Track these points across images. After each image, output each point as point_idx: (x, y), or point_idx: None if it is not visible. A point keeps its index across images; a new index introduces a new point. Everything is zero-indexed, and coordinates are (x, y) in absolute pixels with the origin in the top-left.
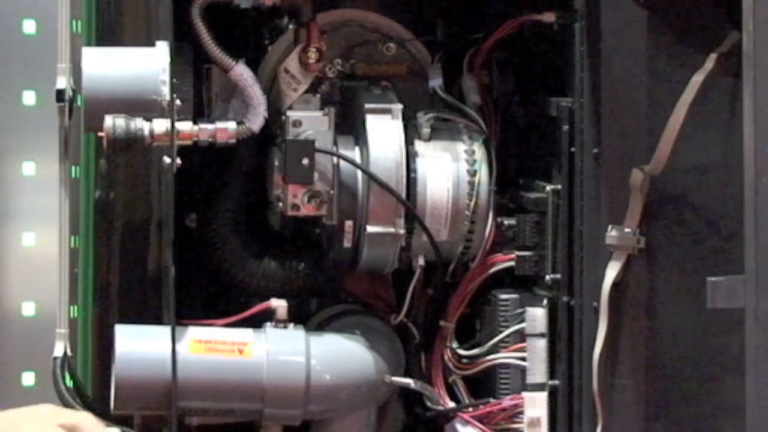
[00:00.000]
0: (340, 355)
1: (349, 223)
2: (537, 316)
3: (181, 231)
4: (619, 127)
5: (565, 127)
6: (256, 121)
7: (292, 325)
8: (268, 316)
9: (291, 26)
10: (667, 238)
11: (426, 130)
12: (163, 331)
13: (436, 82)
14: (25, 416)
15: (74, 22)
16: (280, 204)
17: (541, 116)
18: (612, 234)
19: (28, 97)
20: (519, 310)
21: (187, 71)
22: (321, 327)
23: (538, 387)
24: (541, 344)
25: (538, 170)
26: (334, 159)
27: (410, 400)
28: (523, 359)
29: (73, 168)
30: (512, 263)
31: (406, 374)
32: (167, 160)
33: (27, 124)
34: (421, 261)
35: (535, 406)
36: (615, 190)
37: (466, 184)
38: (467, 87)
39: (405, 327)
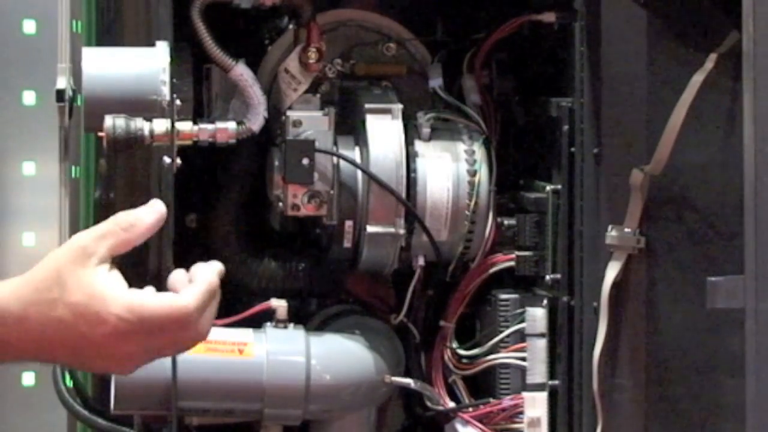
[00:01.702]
0: (340, 355)
1: (349, 223)
2: (537, 316)
3: (181, 231)
4: (619, 127)
5: (565, 127)
6: (256, 121)
7: (292, 325)
8: (268, 316)
9: (291, 26)
10: (667, 238)
11: (426, 130)
12: None
13: (436, 82)
14: (56, 283)
15: (74, 22)
16: (280, 204)
17: (541, 116)
18: (612, 234)
19: (28, 97)
20: (519, 310)
21: (187, 71)
22: (321, 327)
23: (538, 387)
24: (541, 344)
25: (538, 170)
26: (334, 159)
27: (410, 400)
28: (523, 359)
29: (73, 168)
30: (512, 263)
31: (406, 374)
32: (167, 160)
33: (27, 124)
34: (421, 261)
35: (535, 406)
36: (615, 190)
37: (466, 184)
38: (467, 87)
39: (405, 327)
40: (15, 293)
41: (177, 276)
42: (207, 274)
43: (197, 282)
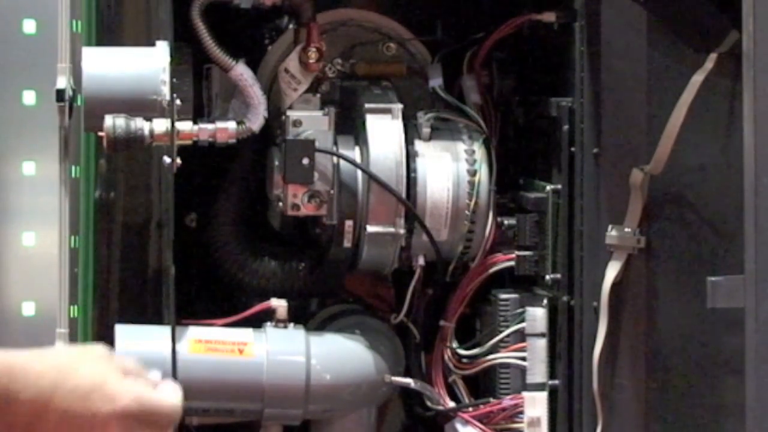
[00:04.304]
0: (340, 355)
1: (349, 223)
2: (537, 316)
3: (181, 231)
4: (619, 127)
5: (565, 127)
6: (256, 121)
7: (292, 325)
8: (268, 316)
9: (291, 26)
10: (667, 238)
11: (426, 130)
12: (163, 331)
13: (436, 82)
14: (80, 356)
15: (74, 22)
16: (280, 204)
17: (541, 116)
18: (612, 234)
19: (28, 97)
20: (519, 310)
21: (187, 71)
22: (321, 327)
23: (538, 387)
24: (541, 344)
25: (538, 170)
26: (334, 159)
27: (410, 400)
28: (523, 359)
29: (73, 168)
30: (512, 263)
31: (406, 374)
32: (167, 160)
33: (27, 124)
34: (421, 261)
35: (535, 406)
36: (615, 190)
37: (466, 184)
38: (467, 87)
39: (405, 327)
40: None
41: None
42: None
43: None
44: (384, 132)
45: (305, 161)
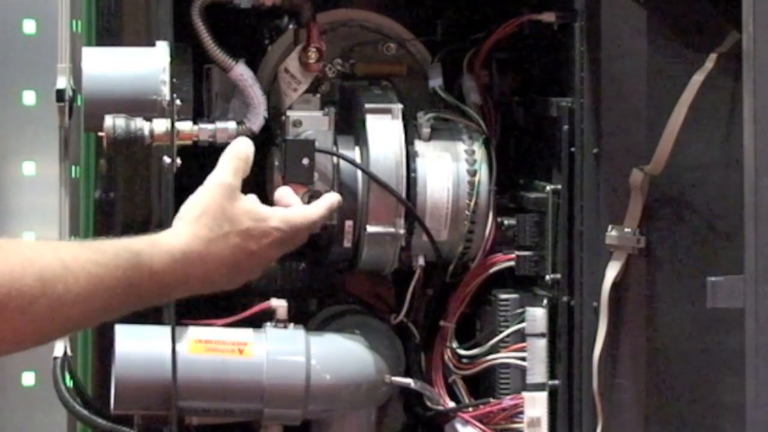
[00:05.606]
0: (340, 355)
1: (349, 223)
2: (537, 316)
3: None
4: (619, 127)
5: (565, 127)
6: (256, 121)
7: (292, 325)
8: (268, 316)
9: (291, 26)
10: (667, 238)
11: (426, 130)
12: (163, 331)
13: (436, 82)
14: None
15: (74, 22)
16: None
17: (541, 116)
18: (612, 234)
19: (28, 97)
20: (519, 310)
21: (187, 71)
22: (321, 327)
23: (538, 387)
24: (541, 344)
25: (538, 170)
26: (334, 159)
27: (410, 400)
28: (523, 359)
29: (73, 168)
30: (512, 263)
31: (406, 374)
32: (167, 160)
33: (27, 124)
34: (421, 261)
35: (535, 406)
36: (615, 190)
37: (466, 184)
38: (467, 87)
39: (405, 327)
40: (195, 235)
41: (284, 192)
42: (332, 196)
43: (324, 199)
44: (384, 132)
45: (305, 161)
